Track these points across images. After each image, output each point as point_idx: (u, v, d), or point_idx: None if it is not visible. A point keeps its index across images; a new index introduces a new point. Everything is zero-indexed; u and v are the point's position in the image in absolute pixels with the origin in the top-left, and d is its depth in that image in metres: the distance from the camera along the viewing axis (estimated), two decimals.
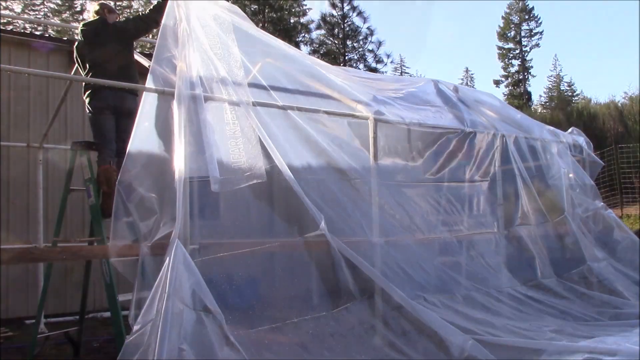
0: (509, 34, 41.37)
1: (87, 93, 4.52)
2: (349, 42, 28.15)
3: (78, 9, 32.00)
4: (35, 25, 27.92)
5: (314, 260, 4.14)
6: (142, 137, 3.61)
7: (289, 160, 3.96)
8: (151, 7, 4.57)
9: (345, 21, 27.98)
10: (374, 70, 27.89)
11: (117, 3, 29.11)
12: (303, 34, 28.05)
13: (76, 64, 4.90)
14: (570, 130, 7.51)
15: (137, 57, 5.30)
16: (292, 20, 27.83)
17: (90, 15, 4.86)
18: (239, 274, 3.73)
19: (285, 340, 3.67)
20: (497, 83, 42.25)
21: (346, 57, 27.90)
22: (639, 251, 6.21)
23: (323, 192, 4.16)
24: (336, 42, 28.21)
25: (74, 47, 4.80)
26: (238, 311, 3.56)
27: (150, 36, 6.46)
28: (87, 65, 4.56)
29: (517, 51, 41.27)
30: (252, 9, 26.01)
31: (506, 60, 41.77)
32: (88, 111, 4.54)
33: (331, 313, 3.99)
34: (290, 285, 4.09)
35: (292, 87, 4.55)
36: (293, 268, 4.19)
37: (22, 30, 20.41)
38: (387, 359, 3.81)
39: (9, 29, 16.22)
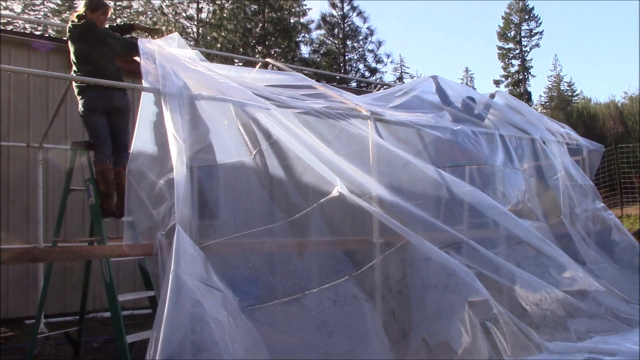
0: (509, 34, 41.30)
1: (77, 92, 4.47)
2: (349, 42, 28.14)
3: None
4: (35, 25, 27.87)
5: (330, 225, 4.09)
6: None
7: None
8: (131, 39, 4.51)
9: (345, 21, 27.99)
10: (374, 70, 27.91)
11: (117, 3, 29.08)
12: (303, 34, 28.03)
13: None
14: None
15: None
16: (292, 20, 27.77)
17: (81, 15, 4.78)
18: (254, 252, 3.70)
19: (303, 310, 3.65)
20: (497, 83, 42.21)
21: (346, 57, 27.90)
22: (639, 254, 6.21)
23: None
24: (336, 42, 28.20)
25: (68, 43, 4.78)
26: (254, 286, 3.55)
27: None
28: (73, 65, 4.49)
29: (517, 51, 41.20)
30: (252, 9, 25.98)
31: (506, 60, 41.70)
32: (80, 112, 4.51)
33: (353, 276, 3.96)
34: (308, 254, 4.05)
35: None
36: (311, 237, 4.11)
37: (22, 30, 20.40)
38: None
39: (9, 29, 16.23)
